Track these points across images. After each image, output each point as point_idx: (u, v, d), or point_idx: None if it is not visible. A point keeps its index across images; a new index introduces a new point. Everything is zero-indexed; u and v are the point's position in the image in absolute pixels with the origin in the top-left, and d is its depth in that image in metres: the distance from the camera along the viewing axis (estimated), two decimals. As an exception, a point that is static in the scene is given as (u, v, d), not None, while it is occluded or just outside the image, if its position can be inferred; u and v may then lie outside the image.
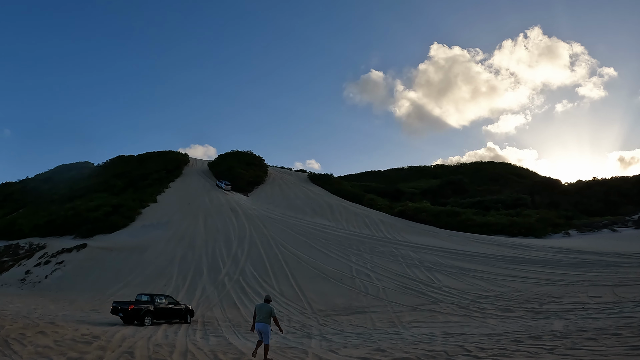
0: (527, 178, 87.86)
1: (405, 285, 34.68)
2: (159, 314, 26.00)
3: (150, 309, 25.47)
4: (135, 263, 48.75)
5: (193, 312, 28.22)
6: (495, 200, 68.56)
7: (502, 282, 33.21)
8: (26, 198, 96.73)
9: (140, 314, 24.84)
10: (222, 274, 42.45)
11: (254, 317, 15.36)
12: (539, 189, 70.70)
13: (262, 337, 15.09)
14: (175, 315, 26.93)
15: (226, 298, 35.20)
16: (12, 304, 33.52)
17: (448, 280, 35.18)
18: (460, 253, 43.62)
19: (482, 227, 54.71)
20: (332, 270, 40.43)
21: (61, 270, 50.45)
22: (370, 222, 60.44)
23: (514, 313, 24.11)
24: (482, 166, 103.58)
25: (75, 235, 63.98)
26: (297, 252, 47.26)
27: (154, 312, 25.70)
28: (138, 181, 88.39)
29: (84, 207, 71.59)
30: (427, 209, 62.81)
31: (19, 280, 49.84)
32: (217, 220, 61.85)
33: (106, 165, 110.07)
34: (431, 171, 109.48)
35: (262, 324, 15.01)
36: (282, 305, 31.84)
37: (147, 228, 62.48)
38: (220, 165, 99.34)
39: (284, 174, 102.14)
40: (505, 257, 41.00)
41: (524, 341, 16.18)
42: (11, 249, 62.52)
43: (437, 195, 78.64)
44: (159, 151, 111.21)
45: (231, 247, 50.40)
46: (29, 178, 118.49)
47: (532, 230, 52.05)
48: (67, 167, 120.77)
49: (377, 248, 47.30)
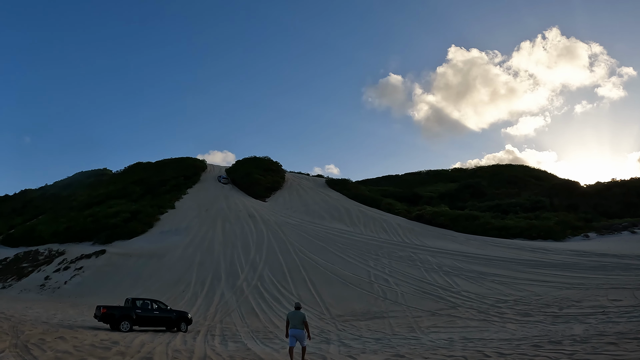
0: (545, 180, 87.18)
1: (424, 290, 34.57)
2: (140, 320, 24.86)
3: (128, 314, 24.36)
4: (153, 269, 49.23)
5: (190, 319, 26.52)
6: (514, 203, 68.14)
7: (521, 286, 32.97)
8: (45, 205, 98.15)
9: (114, 319, 23.89)
10: (241, 279, 42.66)
11: (287, 324, 16.09)
12: (558, 191, 70.07)
13: (300, 341, 15.78)
14: (162, 323, 25.63)
15: (244, 304, 35.34)
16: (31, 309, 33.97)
17: (467, 285, 35.00)
18: (479, 257, 43.40)
19: (501, 230, 54.42)
20: (350, 275, 40.42)
21: (80, 276, 51.02)
22: (388, 227, 60.38)
23: (533, 317, 23.93)
24: (499, 169, 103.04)
25: (94, 241, 64.63)
26: (315, 257, 47.35)
27: (135, 317, 24.52)
28: (156, 188, 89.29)
29: (102, 213, 72.53)
30: (445, 213, 62.62)
31: (39, 286, 50.47)
32: (235, 226, 62.19)
33: (124, 172, 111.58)
34: (449, 175, 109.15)
35: (297, 330, 15.72)
36: (300, 311, 31.88)
37: (165, 234, 63.02)
38: (237, 171, 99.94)
39: (301, 179, 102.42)
40: (524, 260, 40.70)
41: (543, 346, 16.10)
42: (31, 255, 63.27)
43: (455, 199, 78.34)
44: (177, 158, 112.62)
45: (249, 253, 50.63)
46: (48, 185, 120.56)
47: (551, 233, 51.61)
48: (85, 174, 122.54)
49: (396, 253, 47.21)
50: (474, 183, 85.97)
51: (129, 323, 24.03)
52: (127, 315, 24.24)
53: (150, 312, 25.40)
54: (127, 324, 23.92)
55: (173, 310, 26.64)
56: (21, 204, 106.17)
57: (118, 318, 23.88)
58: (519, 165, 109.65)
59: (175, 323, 25.66)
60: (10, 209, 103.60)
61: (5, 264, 62.30)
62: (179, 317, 25.93)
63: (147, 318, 25.13)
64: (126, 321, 23.99)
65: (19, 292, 49.62)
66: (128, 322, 24.03)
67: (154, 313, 25.52)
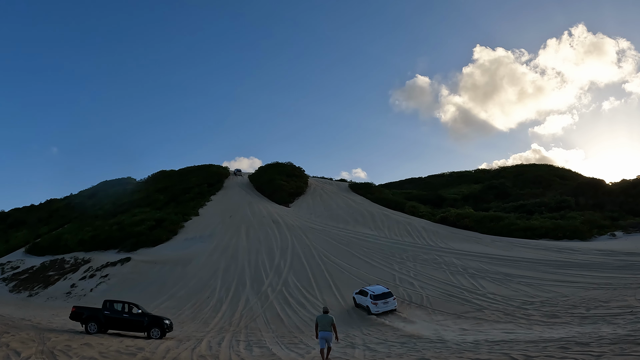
0: (570, 179, 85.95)
1: (449, 293, 34.46)
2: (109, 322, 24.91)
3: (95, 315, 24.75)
4: (178, 276, 49.77)
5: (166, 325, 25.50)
6: (539, 203, 67.36)
7: (547, 287, 32.66)
8: (71, 214, 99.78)
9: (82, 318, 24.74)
10: (265, 285, 42.98)
11: (316, 327, 17.90)
12: (583, 190, 69.09)
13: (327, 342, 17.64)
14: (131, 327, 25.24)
15: (269, 309, 35.66)
16: (58, 316, 34.73)
17: (493, 287, 34.78)
18: (505, 259, 43.08)
19: (526, 231, 53.79)
20: (375, 279, 40.37)
21: (106, 283, 51.83)
22: (413, 230, 60.20)
23: (560, 319, 23.79)
24: (523, 169, 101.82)
25: (119, 249, 65.53)
26: (339, 261, 47.45)
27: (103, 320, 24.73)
28: (180, 195, 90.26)
29: (127, 221, 73.60)
30: (470, 215, 62.16)
31: (65, 294, 51.44)
32: (259, 231, 62.59)
33: (148, 181, 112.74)
34: (472, 176, 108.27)
35: (326, 332, 17.55)
36: (325, 316, 32.02)
37: (190, 241, 63.67)
38: (260, 177, 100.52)
39: (324, 184, 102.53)
40: (551, 261, 40.26)
41: (571, 348, 16.03)
42: (57, 263, 64.33)
43: (479, 200, 77.78)
44: (200, 165, 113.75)
45: (274, 258, 50.94)
46: (73, 194, 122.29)
47: (577, 233, 50.84)
48: (110, 183, 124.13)
49: (420, 256, 47.08)
50: (498, 184, 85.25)
51: (96, 325, 24.63)
52: (94, 316, 24.90)
53: (119, 315, 25.35)
54: (93, 326, 24.57)
55: (146, 315, 25.85)
56: (47, 213, 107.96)
57: (85, 318, 24.73)
58: (543, 165, 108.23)
59: (146, 328, 25.23)
60: (36, 218, 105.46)
61: (31, 272, 63.50)
62: (151, 322, 25.34)
63: (115, 320, 25.21)
64: (93, 322, 24.65)
65: (45, 299, 50.68)
66: (95, 324, 24.63)
67: (123, 316, 25.37)
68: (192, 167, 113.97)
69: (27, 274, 63.12)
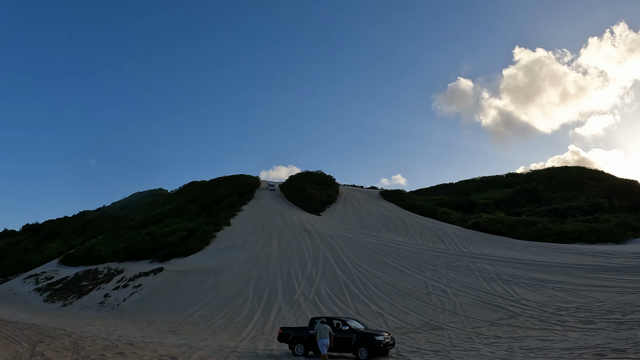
0: (603, 181, 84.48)
1: (483, 300, 34.32)
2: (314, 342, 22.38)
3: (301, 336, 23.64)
4: (211, 285, 50.50)
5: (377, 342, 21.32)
6: (572, 206, 66.41)
7: (582, 293, 32.31)
8: (104, 225, 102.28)
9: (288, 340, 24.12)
10: (297, 294, 43.34)
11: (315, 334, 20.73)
12: (617, 191, 67.81)
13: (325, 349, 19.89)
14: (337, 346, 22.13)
15: (302, 318, 35.85)
16: (91, 326, 35.65)
17: (526, 293, 34.51)
18: (538, 264, 42.68)
19: (560, 235, 53.16)
20: (407, 287, 40.44)
21: (139, 293, 52.97)
22: (445, 236, 60.03)
23: (596, 325, 23.61)
24: (555, 172, 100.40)
25: (151, 259, 66.73)
26: (371, 269, 47.58)
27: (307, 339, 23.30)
28: (211, 205, 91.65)
29: (159, 232, 75.01)
30: (502, 220, 61.69)
31: (98, 303, 52.76)
32: (290, 240, 63.10)
33: (180, 192, 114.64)
34: (504, 180, 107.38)
35: (326, 339, 19.88)
36: (358, 324, 32.17)
37: (221, 251, 64.52)
38: (291, 186, 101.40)
39: (355, 192, 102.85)
40: (585, 265, 39.76)
41: (607, 355, 16.04)
42: (90, 274, 65.92)
43: (511, 205, 77.00)
44: (231, 175, 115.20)
45: (305, 267, 51.33)
46: (105, 206, 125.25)
47: (612, 235, 50.06)
48: (142, 194, 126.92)
49: (453, 262, 46.91)
50: (529, 188, 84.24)
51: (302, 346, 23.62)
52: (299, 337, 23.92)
53: None
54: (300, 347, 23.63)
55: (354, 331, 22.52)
56: (80, 225, 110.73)
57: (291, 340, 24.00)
58: (576, 167, 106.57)
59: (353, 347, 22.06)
60: (70, 230, 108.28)
61: (65, 283, 65.26)
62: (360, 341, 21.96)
63: None
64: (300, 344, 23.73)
65: (79, 309, 52.00)
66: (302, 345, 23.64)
67: None
68: (223, 177, 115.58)
69: (61, 284, 64.87)
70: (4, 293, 68.00)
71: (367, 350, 21.34)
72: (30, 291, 66.56)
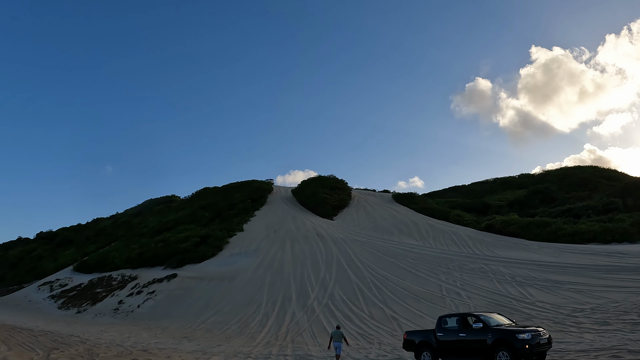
0: (616, 180, 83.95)
1: (497, 302, 34.23)
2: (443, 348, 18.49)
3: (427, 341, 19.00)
4: (224, 291, 50.73)
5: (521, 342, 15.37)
6: (585, 206, 66.17)
7: (598, 294, 32.20)
8: (117, 232, 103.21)
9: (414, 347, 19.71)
10: (311, 298, 43.42)
11: (330, 339, 22.92)
12: (630, 191, 67.25)
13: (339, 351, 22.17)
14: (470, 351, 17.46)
15: (316, 323, 35.96)
16: (106, 332, 35.96)
17: (541, 295, 34.44)
18: (553, 265, 42.56)
19: (574, 236, 52.94)
20: (421, 290, 40.45)
21: (153, 299, 53.36)
22: (458, 239, 59.97)
23: (611, 326, 23.56)
24: (568, 172, 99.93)
25: (165, 266, 67.15)
26: (385, 273, 47.62)
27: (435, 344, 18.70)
28: (224, 211, 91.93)
29: (173, 238, 75.51)
30: (516, 222, 61.50)
31: (113, 310, 53.26)
32: (303, 246, 63.27)
33: (192, 198, 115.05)
34: (516, 181, 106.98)
35: (339, 343, 22.25)
36: (372, 328, 32.31)
37: (235, 257, 64.83)
38: (303, 191, 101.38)
39: (367, 196, 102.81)
40: (600, 266, 39.61)
41: (623, 356, 16.03)
42: (104, 281, 66.60)
43: (524, 206, 76.80)
44: (243, 181, 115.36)
45: (319, 272, 51.43)
46: (119, 213, 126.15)
47: (627, 235, 49.80)
48: (154, 201, 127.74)
49: (467, 265, 46.88)
50: (543, 188, 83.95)
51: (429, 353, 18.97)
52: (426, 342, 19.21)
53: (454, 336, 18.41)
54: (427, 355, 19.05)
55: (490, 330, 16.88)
56: (94, 232, 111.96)
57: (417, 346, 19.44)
58: (589, 167, 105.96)
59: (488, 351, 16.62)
60: (83, 237, 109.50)
61: (80, 290, 65.92)
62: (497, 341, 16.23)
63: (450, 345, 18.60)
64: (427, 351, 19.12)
65: (93, 316, 52.49)
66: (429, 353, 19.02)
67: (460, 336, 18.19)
68: (235, 183, 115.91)
69: (76, 291, 65.53)
70: (18, 300, 68.82)
71: (509, 355, 15.62)
72: (44, 298, 67.33)
